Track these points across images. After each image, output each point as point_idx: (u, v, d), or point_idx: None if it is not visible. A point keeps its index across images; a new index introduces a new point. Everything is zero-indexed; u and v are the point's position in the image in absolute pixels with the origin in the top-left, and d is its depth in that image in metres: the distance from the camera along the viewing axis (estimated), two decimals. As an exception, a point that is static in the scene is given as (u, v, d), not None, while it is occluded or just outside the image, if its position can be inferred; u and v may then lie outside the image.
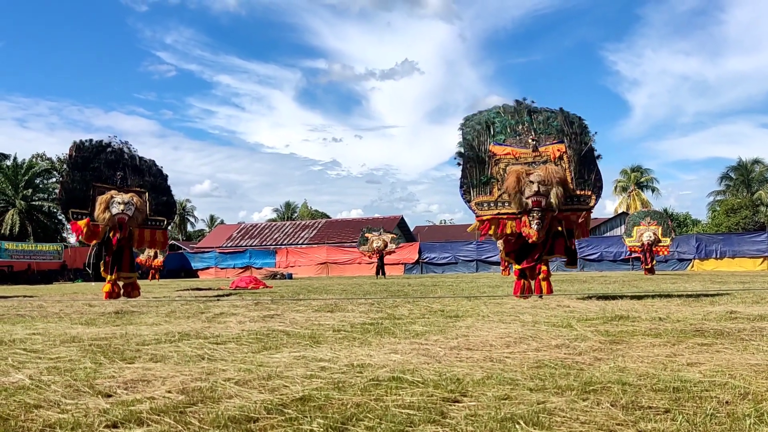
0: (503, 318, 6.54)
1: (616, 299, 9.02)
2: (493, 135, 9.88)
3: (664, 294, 10.17)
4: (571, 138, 9.64)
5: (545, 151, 9.59)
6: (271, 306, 8.97)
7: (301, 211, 70.40)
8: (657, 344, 4.45)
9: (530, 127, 9.86)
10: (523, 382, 3.23)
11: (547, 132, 9.78)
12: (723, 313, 6.54)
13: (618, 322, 5.94)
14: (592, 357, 3.96)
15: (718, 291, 10.75)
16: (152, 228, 12.17)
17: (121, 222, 11.33)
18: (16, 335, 5.64)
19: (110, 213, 11.27)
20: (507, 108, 10.21)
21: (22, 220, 44.59)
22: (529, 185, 9.17)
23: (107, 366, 3.91)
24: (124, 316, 7.64)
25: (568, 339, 4.78)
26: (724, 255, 29.70)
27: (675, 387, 3.02)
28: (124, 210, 11.36)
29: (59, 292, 17.24)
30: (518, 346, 4.50)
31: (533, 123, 9.91)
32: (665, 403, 2.73)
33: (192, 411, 2.74)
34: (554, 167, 9.36)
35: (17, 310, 8.92)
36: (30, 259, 32.47)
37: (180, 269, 38.01)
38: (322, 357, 4.12)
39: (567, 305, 7.99)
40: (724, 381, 3.15)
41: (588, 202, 9.45)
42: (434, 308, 7.94)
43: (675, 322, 5.77)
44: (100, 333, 5.72)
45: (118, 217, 11.29)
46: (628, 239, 24.52)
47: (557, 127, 9.78)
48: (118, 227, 11.36)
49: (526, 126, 9.87)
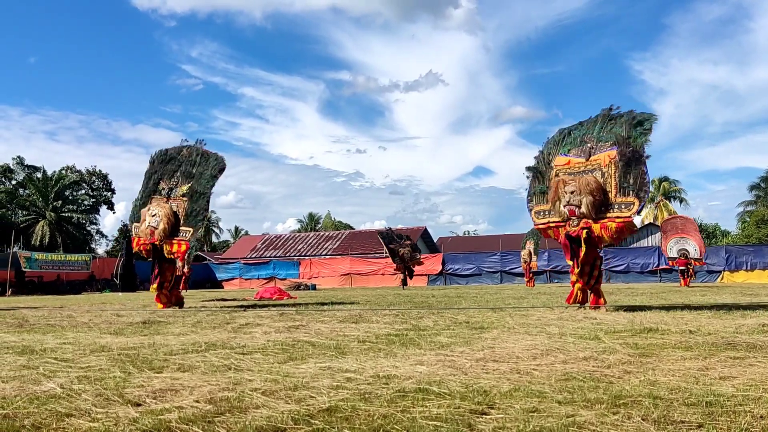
0: (529, 330, 6.47)
1: (644, 311, 8.88)
2: (564, 145, 10.05)
3: (694, 306, 9.98)
4: (622, 143, 9.41)
5: (596, 160, 9.49)
6: (296, 317, 9.00)
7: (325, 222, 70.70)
8: (688, 357, 4.37)
9: (598, 134, 9.79)
10: (551, 394, 3.19)
11: (607, 139, 9.63)
12: (755, 326, 6.39)
13: (647, 334, 5.84)
14: (622, 370, 3.90)
15: (750, 303, 10.50)
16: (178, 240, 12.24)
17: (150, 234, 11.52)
18: (47, 344, 5.74)
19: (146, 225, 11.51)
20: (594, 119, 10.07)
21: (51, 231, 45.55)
22: (564, 195, 9.41)
23: (136, 375, 3.96)
24: (152, 326, 7.73)
25: (596, 351, 4.71)
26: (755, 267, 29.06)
27: (708, 401, 2.96)
28: (151, 223, 11.54)
29: (88, 302, 17.52)
30: (545, 359, 4.45)
31: (600, 131, 9.78)
32: (698, 417, 2.68)
33: (220, 421, 2.76)
34: (588, 177, 9.32)
35: (47, 320, 9.09)
36: (59, 269, 33.06)
37: (205, 280, 38.40)
38: (347, 368, 4.12)
39: (594, 317, 7.88)
40: (758, 395, 3.08)
41: (630, 209, 9.24)
42: (459, 320, 7.89)
43: (706, 335, 5.65)
44: (128, 342, 5.79)
45: (150, 229, 11.50)
46: None
47: (619, 130, 9.55)
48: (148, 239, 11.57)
49: (593, 134, 9.85)
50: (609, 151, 9.45)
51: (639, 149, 9.28)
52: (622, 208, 9.26)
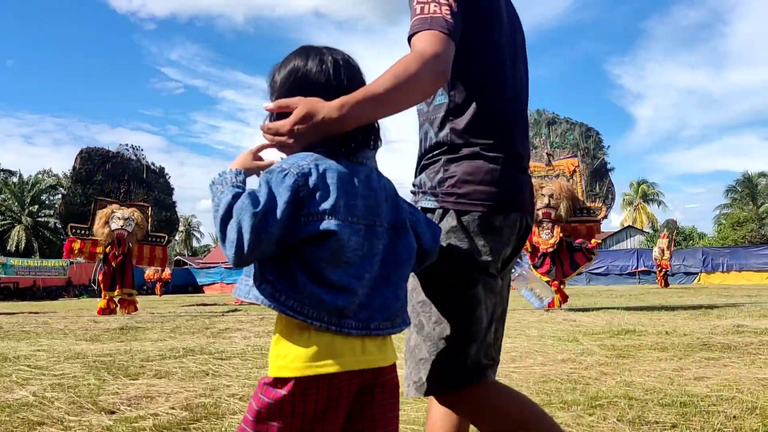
0: (509, 332, 6.50)
1: (622, 313, 8.97)
2: None
3: (670, 307, 10.11)
4: (585, 152, 10.28)
5: (559, 166, 10.05)
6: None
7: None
8: (664, 358, 4.42)
9: (547, 140, 10.35)
10: (529, 396, 3.20)
11: (563, 146, 10.35)
12: (730, 326, 6.48)
13: (624, 336, 5.90)
14: (599, 371, 3.93)
15: (726, 304, 10.67)
16: (152, 244, 12.18)
17: (119, 238, 11.36)
18: (21, 352, 5.64)
19: (109, 228, 11.32)
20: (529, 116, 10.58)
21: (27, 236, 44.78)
22: (540, 198, 9.72)
23: (111, 382, 3.90)
24: (129, 332, 7.63)
25: (574, 353, 4.75)
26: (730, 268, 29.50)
27: (682, 402, 2.99)
28: (124, 226, 11.39)
29: (64, 308, 17.25)
30: (524, 361, 4.47)
31: (550, 136, 10.42)
32: (672, 418, 2.71)
33: (195, 428, 2.73)
34: (565, 182, 9.83)
35: (22, 327, 8.92)
36: (35, 275, 32.52)
37: (186, 285, 38.01)
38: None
39: (573, 319, 7.95)
40: (732, 395, 3.12)
41: (597, 214, 9.95)
42: (439, 323, 7.90)
43: (682, 336, 5.73)
44: (104, 349, 5.71)
45: (117, 233, 11.33)
46: None
47: (573, 141, 10.37)
48: (117, 243, 11.39)
49: (543, 139, 10.35)
50: (571, 159, 10.09)
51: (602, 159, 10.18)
52: (591, 213, 9.94)
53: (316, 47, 1.28)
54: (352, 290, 1.10)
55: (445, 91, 1.45)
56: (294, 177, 1.09)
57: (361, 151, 1.21)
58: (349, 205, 1.13)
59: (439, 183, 1.44)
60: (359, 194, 1.15)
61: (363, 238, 1.13)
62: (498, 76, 1.47)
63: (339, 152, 1.18)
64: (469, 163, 1.41)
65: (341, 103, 1.16)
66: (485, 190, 1.40)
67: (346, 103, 1.16)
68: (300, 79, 1.23)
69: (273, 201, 1.06)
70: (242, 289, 1.15)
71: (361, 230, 1.13)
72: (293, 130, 1.17)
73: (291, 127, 1.17)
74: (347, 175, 1.15)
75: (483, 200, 1.41)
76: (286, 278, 1.09)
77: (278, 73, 1.27)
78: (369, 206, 1.17)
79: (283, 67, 1.27)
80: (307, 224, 1.09)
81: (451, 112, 1.44)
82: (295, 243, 1.09)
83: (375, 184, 1.20)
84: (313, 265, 1.08)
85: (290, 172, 1.10)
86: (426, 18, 1.31)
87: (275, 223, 1.05)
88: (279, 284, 1.09)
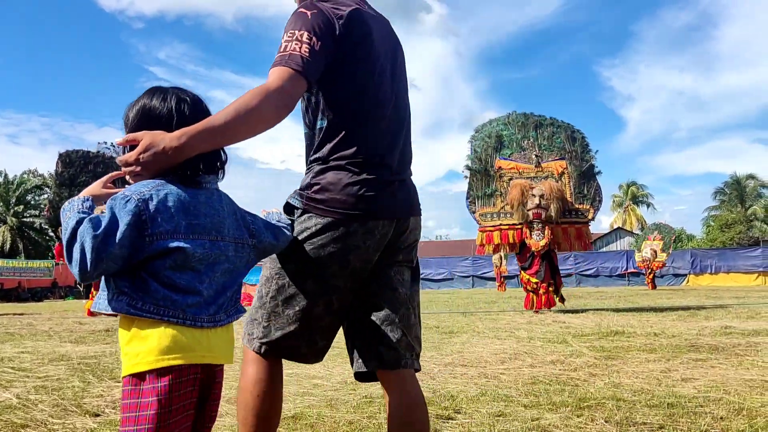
0: (498, 334, 6.50)
1: (611, 314, 9.00)
2: (500, 150, 10.48)
3: (659, 309, 10.16)
4: (572, 155, 10.31)
5: (547, 167, 10.17)
6: (265, 323, 8.90)
7: (296, 227, 70.29)
8: (652, 360, 4.43)
9: (535, 142, 10.42)
10: (518, 398, 3.20)
11: (550, 149, 10.37)
12: (718, 328, 6.52)
13: (613, 337, 5.91)
14: (587, 373, 3.94)
15: (714, 305, 10.74)
16: None
17: None
18: (5, 353, 5.57)
19: None
20: (515, 119, 10.79)
21: (13, 236, 44.34)
22: (531, 198, 9.86)
23: (96, 385, 3.86)
24: (115, 334, 7.56)
25: (563, 355, 4.75)
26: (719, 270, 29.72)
27: (669, 403, 2.99)
28: None
29: (50, 309, 17.09)
30: (513, 363, 4.46)
31: (538, 138, 10.49)
32: (659, 419, 2.71)
33: (181, 430, 2.70)
34: (555, 183, 9.91)
35: (6, 329, 8.82)
36: (20, 276, 32.22)
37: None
38: (314, 374, 4.08)
39: (563, 321, 7.96)
40: (719, 396, 3.13)
41: (586, 216, 10.06)
42: (429, 324, 7.89)
43: (670, 338, 5.75)
44: (89, 351, 5.65)
45: None
46: (638, 254, 24.80)
47: (560, 144, 10.43)
48: None
49: (531, 141, 10.44)
50: (559, 161, 10.12)
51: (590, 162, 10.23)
52: (579, 215, 10.01)
53: (164, 88, 1.44)
54: (198, 292, 1.29)
55: (324, 116, 1.64)
56: (135, 202, 1.24)
57: (203, 176, 1.39)
58: (192, 224, 1.31)
59: (306, 187, 1.66)
60: (201, 214, 1.34)
61: (207, 249, 1.32)
62: (370, 99, 1.65)
63: (182, 178, 1.34)
64: (333, 174, 1.61)
65: (181, 133, 1.32)
66: (342, 199, 1.60)
67: (185, 134, 1.32)
68: (146, 114, 1.39)
69: (114, 224, 1.21)
70: (100, 304, 1.28)
71: (205, 244, 1.32)
72: (139, 159, 1.31)
73: (137, 157, 1.32)
74: (188, 198, 1.33)
75: (338, 208, 1.60)
76: (140, 288, 1.24)
77: (130, 111, 1.42)
78: (212, 223, 1.35)
79: (133, 106, 1.42)
80: (152, 243, 1.24)
81: (327, 133, 1.64)
82: (143, 259, 1.24)
83: (217, 205, 1.39)
84: (163, 274, 1.25)
85: (132, 198, 1.25)
86: (284, 55, 1.50)
87: (115, 244, 1.19)
88: (135, 294, 1.24)
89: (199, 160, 1.36)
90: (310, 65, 1.50)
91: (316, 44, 1.52)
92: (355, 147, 1.62)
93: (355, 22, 1.62)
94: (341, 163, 1.62)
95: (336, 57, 1.58)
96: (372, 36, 1.66)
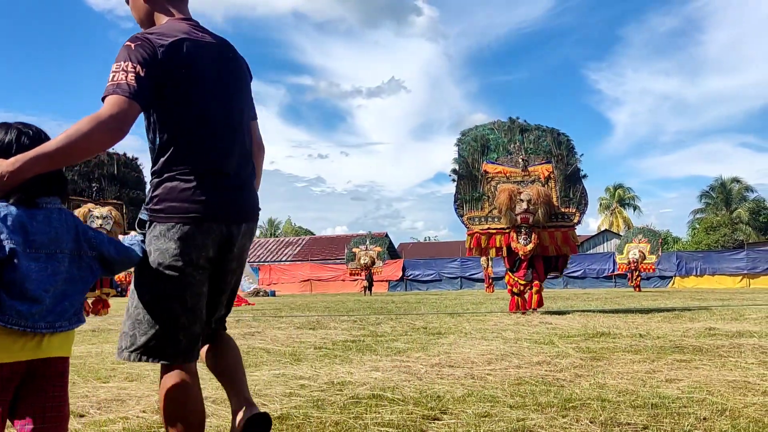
0: (486, 335, 6.53)
1: (598, 316, 9.07)
2: (486, 154, 10.53)
3: (645, 311, 10.24)
4: (559, 159, 10.40)
5: (534, 171, 10.26)
6: (253, 323, 8.88)
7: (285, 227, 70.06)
8: (637, 361, 4.47)
9: (521, 146, 10.49)
10: (504, 399, 3.22)
11: (537, 152, 10.44)
12: (702, 329, 6.59)
13: (599, 338, 5.95)
14: (573, 374, 3.96)
15: (698, 307, 10.84)
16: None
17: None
18: (-11, 354, 5.51)
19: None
20: (501, 125, 10.90)
21: None
22: (519, 203, 9.93)
23: (81, 385, 3.83)
24: (101, 335, 7.52)
25: (549, 356, 4.78)
26: (704, 272, 29.99)
27: (653, 403, 3.02)
28: (102, 225, 11.25)
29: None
30: (500, 363, 4.48)
31: (524, 142, 10.58)
32: (644, 419, 2.73)
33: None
34: (542, 188, 9.97)
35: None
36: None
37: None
38: (302, 375, 4.07)
39: (549, 322, 8.01)
40: (702, 397, 3.16)
41: (572, 219, 10.14)
42: (417, 325, 7.91)
43: (655, 339, 5.80)
44: (74, 351, 5.61)
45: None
46: (619, 256, 24.92)
47: (546, 148, 10.53)
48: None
49: (517, 145, 10.53)
50: (545, 165, 10.22)
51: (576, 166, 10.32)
52: (565, 219, 10.10)
53: (9, 123, 1.64)
54: (41, 300, 1.50)
55: (158, 134, 1.86)
56: None
57: (42, 198, 1.59)
58: (28, 240, 1.51)
59: (149, 201, 1.88)
60: (38, 231, 1.54)
61: (44, 263, 1.53)
62: (197, 117, 1.87)
63: (22, 200, 1.54)
64: (168, 185, 1.84)
65: (15, 159, 1.53)
66: (177, 206, 1.83)
67: (19, 160, 1.52)
68: None
69: None
70: None
71: (41, 257, 1.53)
72: None
73: None
74: (26, 218, 1.53)
75: (176, 213, 1.83)
76: None
77: None
78: (50, 239, 1.56)
79: None
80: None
81: (161, 149, 1.86)
82: None
83: (56, 222, 1.59)
84: (9, 285, 1.47)
85: None
86: (113, 84, 1.72)
87: None
88: None
89: (38, 183, 1.56)
90: (136, 91, 1.71)
91: (141, 71, 1.74)
92: (186, 159, 1.85)
93: (176, 50, 1.83)
94: (173, 174, 1.84)
95: (161, 81, 1.79)
96: (197, 61, 1.88)
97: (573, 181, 10.34)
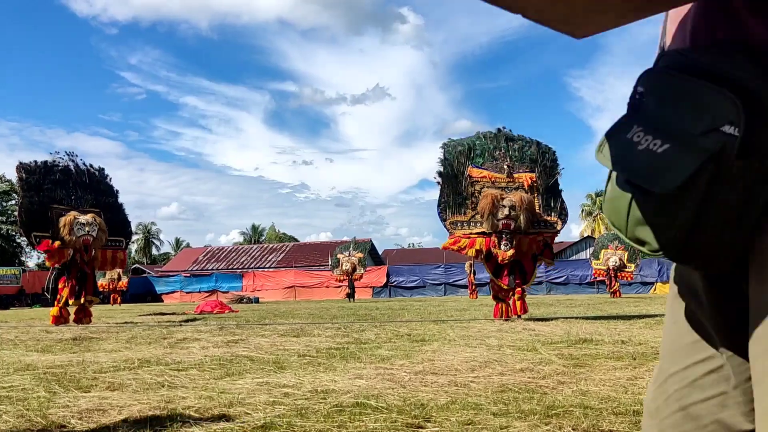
0: (469, 342, 6.55)
1: (581, 322, 9.14)
2: (472, 158, 10.62)
3: (627, 317, 10.34)
4: (542, 169, 10.54)
5: (518, 178, 10.35)
6: (236, 331, 8.83)
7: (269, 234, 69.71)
8: (619, 367, 4.51)
9: (506, 153, 10.59)
10: (487, 406, 3.23)
11: (521, 160, 10.59)
12: (683, 335, 6.65)
13: (582, 345, 6.00)
14: (556, 381, 3.99)
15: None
16: (113, 249, 12.08)
17: (86, 244, 11.21)
18: (-33, 363, 5.42)
19: (75, 235, 11.11)
20: (487, 134, 10.98)
21: (-22, 243, 43.14)
22: (501, 208, 9.94)
23: (62, 395, 3.78)
24: (82, 343, 7.42)
25: (532, 363, 4.81)
26: (685, 278, 30.33)
27: (635, 410, 3.05)
28: (89, 231, 11.21)
29: (16, 317, 16.67)
30: (483, 370, 4.50)
31: (509, 150, 10.67)
32: (625, 426, 2.76)
33: (149, 441, 2.67)
34: (525, 195, 10.09)
35: (-30, 337, 8.58)
36: (-14, 283, 31.36)
37: (145, 293, 37.17)
38: (285, 383, 4.06)
39: (533, 328, 8.05)
40: (683, 403, 3.20)
41: (554, 227, 10.31)
42: (401, 332, 7.91)
43: (636, 345, 5.86)
44: (56, 360, 5.54)
45: (83, 239, 11.15)
46: (595, 262, 25.06)
47: (531, 156, 10.63)
48: (84, 249, 11.21)
49: (502, 152, 10.59)
50: (529, 173, 10.37)
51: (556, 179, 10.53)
52: (548, 226, 10.28)
53: None
54: None
55: None
56: None
57: None
58: None
59: None
60: None
61: None
62: None
63: None
64: None
65: None
66: None
67: None
68: None
69: None
70: None
71: None
72: None
73: None
74: None
75: None
76: None
77: None
78: None
79: None
80: None
81: None
82: None
83: None
84: None
85: None
86: None
87: None
88: None
89: None
90: None
91: None
92: None
93: None
94: None
95: None
96: None
97: (554, 193, 10.52)
